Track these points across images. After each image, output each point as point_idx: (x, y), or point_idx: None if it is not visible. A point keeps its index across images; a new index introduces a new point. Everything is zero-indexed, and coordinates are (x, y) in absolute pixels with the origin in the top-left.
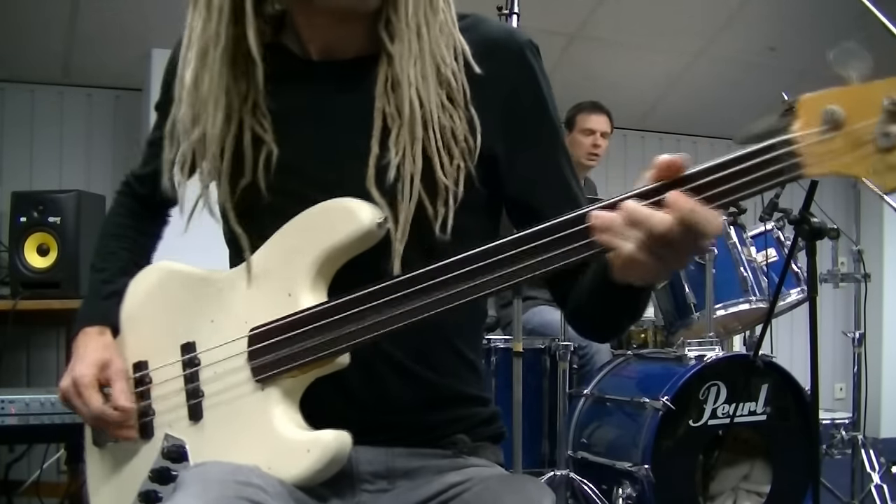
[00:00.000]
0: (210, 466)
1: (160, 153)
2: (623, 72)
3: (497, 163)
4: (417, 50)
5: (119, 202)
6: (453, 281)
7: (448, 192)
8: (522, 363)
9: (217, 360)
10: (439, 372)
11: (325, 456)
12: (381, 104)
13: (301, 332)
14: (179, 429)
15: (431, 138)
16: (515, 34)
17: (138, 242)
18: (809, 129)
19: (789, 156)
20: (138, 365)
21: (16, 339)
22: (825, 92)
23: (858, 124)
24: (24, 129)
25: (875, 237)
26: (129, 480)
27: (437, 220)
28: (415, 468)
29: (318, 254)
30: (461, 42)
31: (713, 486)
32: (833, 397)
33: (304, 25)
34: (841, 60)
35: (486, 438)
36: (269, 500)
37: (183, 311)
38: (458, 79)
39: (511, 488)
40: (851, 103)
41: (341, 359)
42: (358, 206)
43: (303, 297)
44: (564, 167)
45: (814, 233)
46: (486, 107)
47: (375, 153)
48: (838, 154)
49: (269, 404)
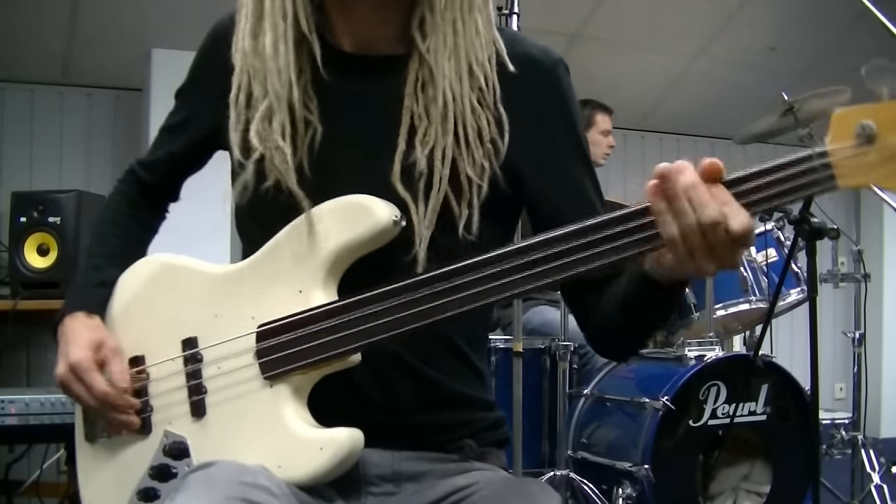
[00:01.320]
0: (216, 466)
1: (175, 140)
2: (623, 72)
3: (521, 170)
4: (452, 45)
5: (120, 190)
6: (469, 284)
7: (472, 191)
8: (522, 363)
9: (222, 356)
10: (444, 374)
11: (339, 454)
12: (409, 102)
13: (313, 331)
14: (180, 425)
15: (460, 136)
16: (550, 52)
17: (134, 233)
18: (843, 143)
19: (825, 167)
20: (135, 360)
21: (16, 339)
22: (858, 107)
23: (891, 139)
24: (23, 129)
25: (875, 237)
26: (124, 477)
27: (461, 219)
28: (421, 472)
29: (332, 250)
30: (498, 41)
31: (713, 486)
32: (833, 397)
33: (340, 17)
34: (873, 76)
35: (491, 444)
36: (275, 501)
37: (183, 305)
38: (490, 80)
39: (517, 492)
40: (884, 118)
41: (353, 357)
42: (375, 202)
43: (314, 294)
44: (588, 185)
45: (814, 233)
46: (516, 114)
47: (402, 149)
48: (872, 168)
49: (278, 402)
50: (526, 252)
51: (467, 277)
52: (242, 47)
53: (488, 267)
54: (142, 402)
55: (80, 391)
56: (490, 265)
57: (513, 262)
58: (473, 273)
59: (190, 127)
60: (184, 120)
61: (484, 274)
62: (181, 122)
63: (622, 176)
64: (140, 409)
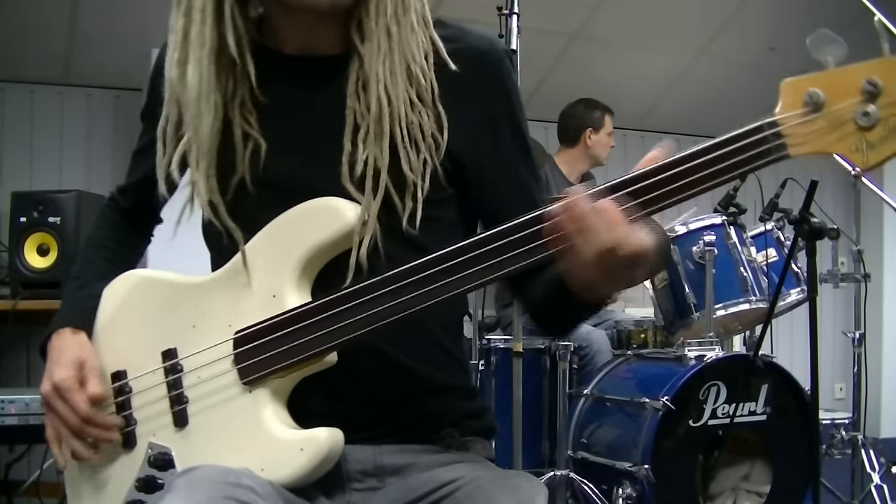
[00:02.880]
0: (200, 470)
1: (145, 163)
2: (623, 72)
3: (465, 164)
4: (387, 48)
5: (103, 216)
6: (426, 280)
7: (415, 186)
8: (522, 363)
9: (201, 365)
10: (422, 361)
11: (319, 454)
12: (352, 103)
13: (288, 332)
14: (164, 436)
15: (398, 134)
16: (496, 43)
17: (119, 254)
18: (792, 111)
19: (776, 136)
20: (117, 375)
21: (16, 339)
22: (805, 76)
23: (838, 105)
24: (24, 129)
25: (875, 237)
26: (111, 491)
27: (405, 213)
28: (404, 465)
29: (303, 253)
30: (435, 39)
31: (713, 486)
32: (833, 397)
33: (281, 25)
34: (817, 46)
35: (476, 433)
36: (259, 500)
37: (161, 317)
38: (428, 76)
39: (503, 486)
40: (830, 86)
41: (329, 357)
42: (343, 204)
43: (288, 298)
44: (530, 179)
45: (814, 233)
46: (462, 109)
47: (348, 150)
48: (821, 134)
49: (258, 406)
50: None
51: (426, 272)
52: (169, 76)
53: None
54: (125, 417)
55: (63, 412)
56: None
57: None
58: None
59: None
60: (150, 142)
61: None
62: (148, 143)
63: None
64: (123, 424)
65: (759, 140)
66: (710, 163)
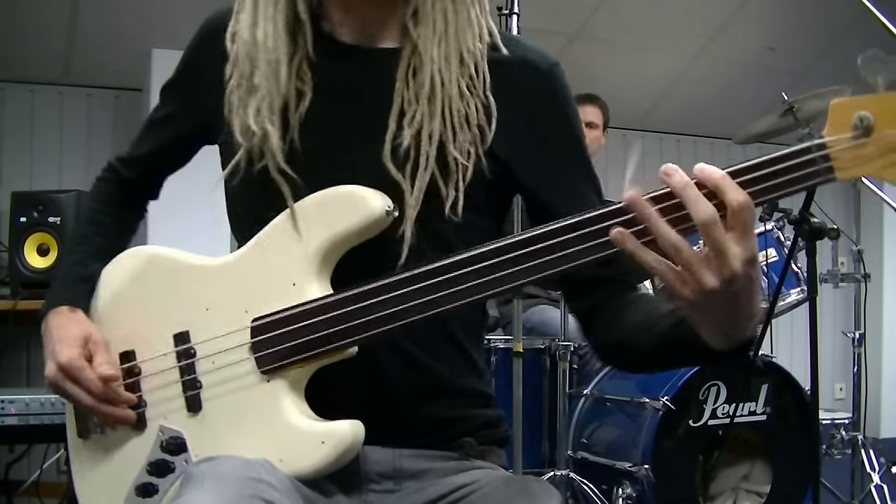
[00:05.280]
0: (221, 462)
1: (158, 135)
2: (623, 72)
3: (511, 167)
4: (442, 31)
5: (99, 189)
6: (464, 277)
7: (458, 171)
8: (522, 363)
9: (216, 352)
10: (442, 363)
11: (340, 446)
12: (400, 86)
13: (309, 324)
14: (176, 420)
15: (447, 118)
16: (546, 55)
17: (116, 232)
18: (841, 134)
19: (824, 159)
20: (125, 355)
21: (16, 339)
22: (855, 98)
23: (888, 131)
24: (24, 129)
25: (875, 237)
26: (120, 473)
27: (447, 200)
28: (422, 470)
29: (326, 241)
30: (493, 32)
31: (713, 486)
32: (833, 397)
33: (339, 11)
34: (868, 67)
35: (492, 442)
36: (279, 496)
37: (173, 298)
38: (480, 67)
39: (518, 490)
40: (881, 110)
41: (350, 349)
42: (368, 192)
43: (308, 287)
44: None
45: (814, 233)
46: (509, 111)
47: (392, 130)
48: (869, 159)
49: (277, 396)
50: (526, 245)
51: (463, 270)
52: (243, 38)
53: (485, 260)
54: (135, 397)
55: (75, 392)
56: (487, 259)
57: (509, 255)
58: (470, 266)
59: (176, 121)
60: (169, 114)
61: (483, 266)
62: (166, 116)
63: (622, 176)
64: (134, 405)
65: (806, 161)
66: (752, 182)
